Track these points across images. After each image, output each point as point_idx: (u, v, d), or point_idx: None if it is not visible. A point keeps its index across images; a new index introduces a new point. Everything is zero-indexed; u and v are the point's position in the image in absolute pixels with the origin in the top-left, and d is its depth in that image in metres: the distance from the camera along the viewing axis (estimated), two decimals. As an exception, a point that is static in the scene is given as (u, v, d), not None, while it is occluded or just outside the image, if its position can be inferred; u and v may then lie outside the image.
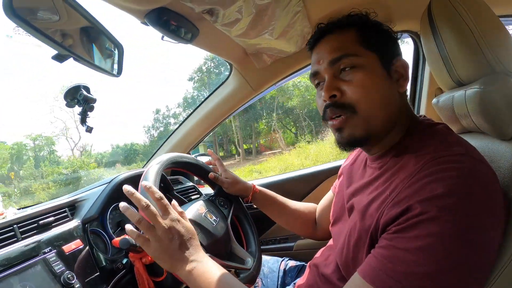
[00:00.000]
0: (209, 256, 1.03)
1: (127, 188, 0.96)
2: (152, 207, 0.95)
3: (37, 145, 31.39)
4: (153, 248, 0.94)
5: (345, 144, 0.95)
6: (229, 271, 1.17)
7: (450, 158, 0.75)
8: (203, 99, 2.09)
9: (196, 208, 1.25)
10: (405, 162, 0.84)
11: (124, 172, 1.55)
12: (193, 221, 1.17)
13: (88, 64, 1.02)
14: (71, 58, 0.96)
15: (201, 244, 1.09)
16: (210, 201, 1.38)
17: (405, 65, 0.93)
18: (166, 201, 0.99)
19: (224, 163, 1.50)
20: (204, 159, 2.05)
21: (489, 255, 0.71)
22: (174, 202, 1.05)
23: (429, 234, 0.68)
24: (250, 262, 1.32)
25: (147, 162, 2.22)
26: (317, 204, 1.54)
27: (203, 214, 1.24)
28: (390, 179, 0.84)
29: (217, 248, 1.22)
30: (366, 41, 0.92)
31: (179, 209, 1.04)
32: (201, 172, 1.50)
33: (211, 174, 1.46)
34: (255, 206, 1.53)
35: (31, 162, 29.04)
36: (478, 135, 1.00)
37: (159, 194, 0.99)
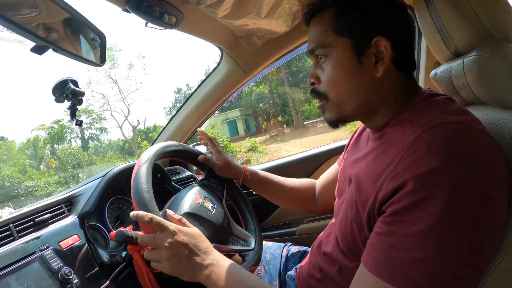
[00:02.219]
0: (215, 246, 1.05)
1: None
2: (145, 236, 0.99)
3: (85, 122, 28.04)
4: (166, 267, 0.95)
5: (329, 124, 1.01)
6: (232, 255, 1.16)
7: (447, 127, 0.72)
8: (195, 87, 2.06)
9: (192, 199, 1.22)
10: (402, 132, 0.82)
11: (118, 165, 1.54)
12: (192, 214, 1.15)
13: (68, 54, 1.00)
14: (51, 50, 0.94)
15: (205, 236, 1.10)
16: (203, 185, 1.35)
17: (385, 46, 0.86)
18: (157, 219, 0.97)
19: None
20: (202, 149, 2.04)
21: (494, 229, 0.68)
22: (168, 212, 1.05)
23: (429, 215, 0.66)
24: (252, 241, 1.32)
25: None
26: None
27: (200, 203, 1.22)
28: (388, 150, 0.83)
29: (219, 235, 1.21)
30: (340, 26, 0.90)
31: (176, 217, 1.03)
32: (190, 156, 1.47)
33: (200, 157, 1.45)
34: (254, 193, 1.52)
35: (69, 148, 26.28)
36: (479, 107, 0.97)
37: (148, 216, 0.97)
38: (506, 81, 0.81)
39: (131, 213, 0.99)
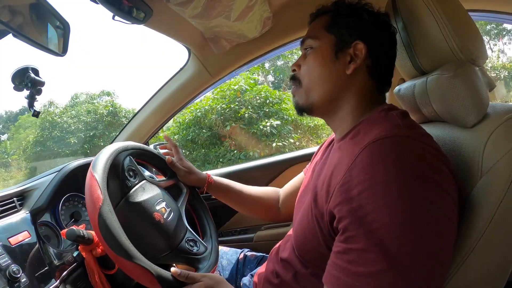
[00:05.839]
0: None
1: None
2: None
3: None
4: None
5: (296, 109, 1.08)
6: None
7: (392, 140, 0.76)
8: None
9: (156, 222, 1.12)
10: (354, 144, 0.85)
11: (75, 160, 1.49)
12: (171, 240, 1.13)
13: (29, 41, 0.96)
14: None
15: (183, 236, 1.17)
16: (158, 187, 1.26)
17: (360, 49, 0.95)
18: (191, 275, 1.03)
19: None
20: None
21: (445, 232, 0.70)
22: (173, 270, 1.02)
23: (379, 226, 0.67)
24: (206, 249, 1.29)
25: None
26: (279, 188, 1.55)
27: (163, 219, 1.13)
28: (341, 162, 0.85)
29: (182, 221, 1.22)
30: (331, 25, 1.00)
31: (184, 274, 1.03)
32: (153, 159, 1.43)
33: (168, 158, 1.42)
34: (213, 197, 1.52)
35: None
36: (439, 124, 1.00)
37: (184, 274, 1.03)
38: (466, 101, 0.84)
39: (174, 270, 1.02)
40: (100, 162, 1.07)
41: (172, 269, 1.01)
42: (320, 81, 0.99)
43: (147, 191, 1.19)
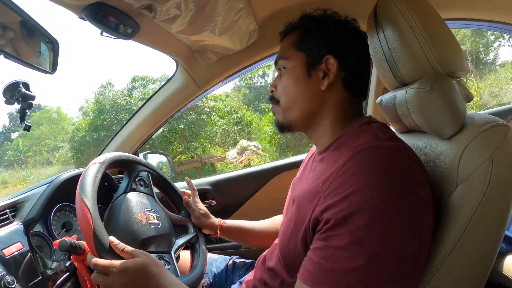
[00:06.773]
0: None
1: None
2: (97, 277, 0.95)
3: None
4: None
5: (277, 126, 1.12)
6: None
7: (374, 151, 0.80)
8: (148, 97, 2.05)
9: (137, 221, 1.14)
10: (337, 155, 0.88)
11: (65, 172, 1.51)
12: (147, 240, 1.12)
13: (19, 61, 0.99)
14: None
15: (158, 251, 1.14)
16: (132, 190, 1.25)
17: (332, 64, 0.98)
18: (101, 262, 0.95)
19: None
20: (153, 157, 2.02)
21: (418, 245, 0.74)
22: (111, 238, 0.99)
23: (357, 228, 0.71)
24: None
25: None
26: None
27: (146, 222, 1.15)
28: (325, 172, 0.88)
29: (171, 237, 1.24)
30: (300, 42, 1.04)
31: (121, 246, 0.98)
32: (170, 189, 1.47)
33: (185, 198, 1.44)
34: (204, 202, 1.53)
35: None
36: (419, 135, 1.04)
37: (93, 262, 0.95)
38: (443, 114, 0.87)
39: (89, 258, 0.98)
40: (113, 153, 1.18)
41: (111, 237, 0.99)
42: (297, 100, 1.03)
43: (147, 200, 1.23)
